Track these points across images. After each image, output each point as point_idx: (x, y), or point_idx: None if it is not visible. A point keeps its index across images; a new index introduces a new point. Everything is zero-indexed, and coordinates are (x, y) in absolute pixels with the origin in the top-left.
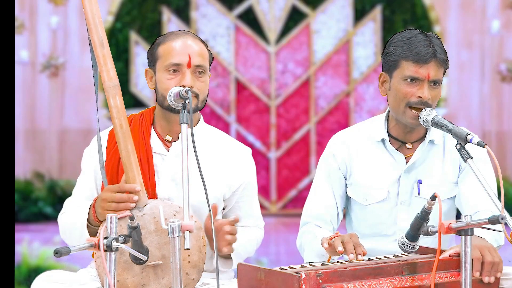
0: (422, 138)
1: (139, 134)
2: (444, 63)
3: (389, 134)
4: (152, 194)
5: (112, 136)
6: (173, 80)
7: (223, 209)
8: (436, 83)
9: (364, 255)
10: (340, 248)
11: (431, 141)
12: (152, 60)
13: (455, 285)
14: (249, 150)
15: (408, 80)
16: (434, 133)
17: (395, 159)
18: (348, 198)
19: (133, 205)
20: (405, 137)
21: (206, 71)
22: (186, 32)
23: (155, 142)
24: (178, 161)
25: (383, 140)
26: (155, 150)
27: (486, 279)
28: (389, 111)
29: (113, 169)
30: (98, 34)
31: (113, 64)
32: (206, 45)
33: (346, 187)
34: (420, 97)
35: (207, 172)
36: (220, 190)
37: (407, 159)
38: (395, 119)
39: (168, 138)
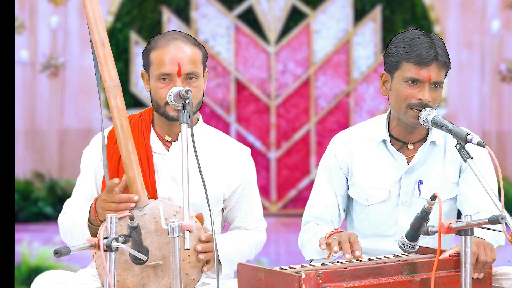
0: (424, 139)
1: (138, 134)
2: (445, 65)
3: (390, 135)
4: (152, 194)
5: (112, 135)
6: (164, 89)
7: (223, 209)
8: (437, 85)
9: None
10: (336, 249)
11: (433, 142)
12: (146, 65)
13: (453, 280)
14: (248, 149)
15: (409, 81)
16: (435, 134)
17: (396, 160)
18: (349, 198)
19: (133, 205)
20: (406, 137)
21: (199, 76)
22: (176, 36)
23: (154, 142)
24: (178, 161)
25: (384, 141)
26: (155, 150)
27: (475, 275)
28: (390, 111)
29: (113, 169)
30: (99, 33)
31: (114, 64)
32: (199, 45)
33: (348, 187)
34: (420, 99)
35: (206, 171)
36: (219, 190)
37: (408, 160)
38: (396, 119)
39: (168, 138)
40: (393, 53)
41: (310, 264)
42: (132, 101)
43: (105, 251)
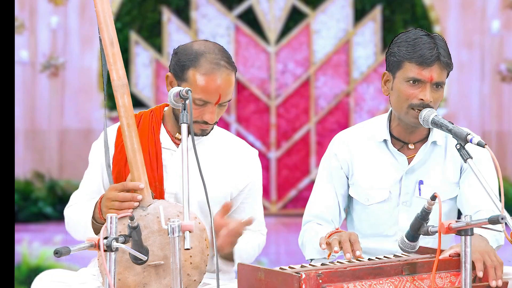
0: (425, 139)
1: (148, 129)
2: (447, 66)
3: (391, 135)
4: (160, 189)
5: (120, 133)
6: (197, 110)
7: None
8: (438, 85)
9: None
10: (336, 249)
11: (434, 142)
12: (178, 75)
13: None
14: (256, 152)
15: (411, 81)
16: (436, 134)
17: (397, 160)
18: (350, 198)
19: (136, 204)
20: (407, 137)
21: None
22: (220, 62)
23: (164, 138)
24: (188, 158)
25: (385, 140)
26: (164, 146)
27: (493, 284)
28: (391, 111)
29: (121, 164)
30: (109, 33)
31: (122, 63)
32: (235, 67)
33: (348, 187)
34: (422, 99)
35: (214, 171)
36: (227, 189)
37: (409, 160)
38: (397, 119)
39: (178, 136)
40: (395, 53)
41: (310, 264)
42: (132, 101)
43: (105, 251)
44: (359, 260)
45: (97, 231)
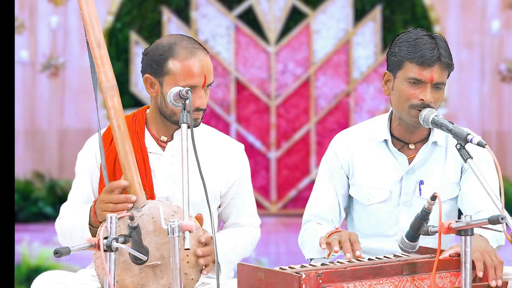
0: (425, 139)
1: (132, 134)
2: (448, 67)
3: (391, 135)
4: (150, 194)
5: (106, 136)
6: None
7: (219, 206)
8: (439, 86)
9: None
10: (336, 248)
11: (434, 143)
12: (157, 72)
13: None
14: (242, 146)
15: (411, 81)
16: (437, 134)
17: (397, 160)
18: (350, 198)
19: (130, 205)
20: (407, 137)
21: None
22: (195, 46)
23: (149, 142)
24: (174, 160)
25: (385, 141)
26: (150, 150)
27: (493, 283)
28: (392, 111)
29: (110, 169)
30: (95, 35)
31: (111, 65)
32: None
33: (348, 187)
34: (422, 99)
35: (203, 169)
36: (217, 187)
37: (410, 160)
38: (398, 119)
39: (163, 138)
40: (396, 53)
41: (310, 264)
42: (132, 101)
43: (105, 251)
44: (359, 260)
45: (94, 236)
